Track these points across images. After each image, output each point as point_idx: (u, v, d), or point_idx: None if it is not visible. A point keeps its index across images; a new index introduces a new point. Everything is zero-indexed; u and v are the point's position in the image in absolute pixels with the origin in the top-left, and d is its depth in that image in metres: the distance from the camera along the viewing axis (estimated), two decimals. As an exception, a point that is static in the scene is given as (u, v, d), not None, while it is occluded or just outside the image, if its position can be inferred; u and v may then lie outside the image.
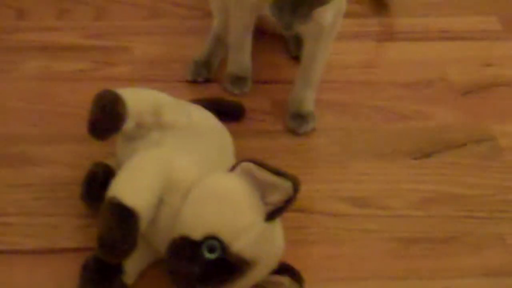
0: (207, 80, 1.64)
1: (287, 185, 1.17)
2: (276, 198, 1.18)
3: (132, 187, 1.19)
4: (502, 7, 1.89)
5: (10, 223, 1.35)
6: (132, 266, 1.26)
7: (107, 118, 1.28)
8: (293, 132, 1.56)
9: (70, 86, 1.61)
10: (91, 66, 1.66)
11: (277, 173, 1.18)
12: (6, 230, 1.34)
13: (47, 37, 1.71)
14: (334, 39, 1.54)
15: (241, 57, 1.62)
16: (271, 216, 1.18)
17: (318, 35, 1.51)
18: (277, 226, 1.22)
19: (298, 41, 1.65)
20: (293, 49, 1.69)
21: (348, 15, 1.58)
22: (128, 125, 1.30)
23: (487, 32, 1.82)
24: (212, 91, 1.62)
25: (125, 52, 1.69)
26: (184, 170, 1.24)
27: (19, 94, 1.58)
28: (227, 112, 1.54)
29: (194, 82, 1.63)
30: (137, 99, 1.33)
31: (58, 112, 1.55)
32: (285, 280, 1.25)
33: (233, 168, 1.22)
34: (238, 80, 1.63)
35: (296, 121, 1.57)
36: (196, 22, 1.77)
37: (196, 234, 1.15)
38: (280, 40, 1.71)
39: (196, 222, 1.16)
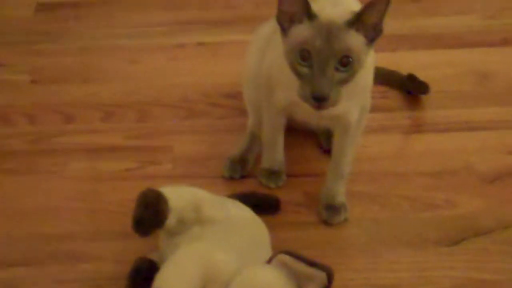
0: (243, 177, 1.62)
1: (321, 275, 1.16)
2: (311, 287, 1.17)
3: (175, 280, 1.18)
4: None
5: None
6: None
7: (150, 215, 1.27)
8: (327, 223, 1.53)
9: (114, 185, 1.60)
10: (134, 165, 1.65)
11: (312, 264, 1.17)
12: None
13: (93, 139, 1.71)
14: (361, 133, 1.53)
15: (274, 153, 1.61)
16: None
17: (346, 130, 1.50)
18: None
19: (328, 136, 1.63)
20: (324, 143, 1.67)
21: (375, 109, 1.59)
22: (170, 221, 1.29)
23: (507, 122, 1.78)
24: (248, 185, 1.60)
25: (165, 151, 1.68)
26: (224, 263, 1.22)
27: (67, 194, 1.58)
28: (263, 205, 1.51)
29: (231, 178, 1.61)
30: (178, 196, 1.32)
31: (104, 210, 1.54)
32: None
33: (270, 260, 1.20)
34: (273, 174, 1.61)
35: (329, 212, 1.54)
36: (232, 121, 1.76)
37: None
38: (311, 135, 1.70)
39: None
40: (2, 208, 1.54)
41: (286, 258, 1.19)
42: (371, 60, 1.42)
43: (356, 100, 1.43)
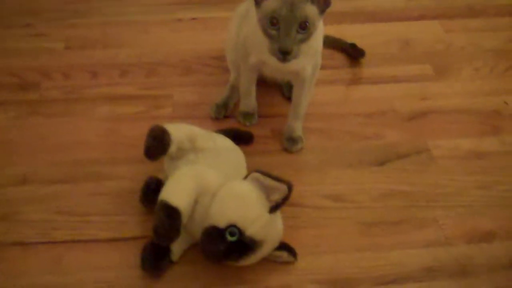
0: (226, 117, 1.58)
1: (284, 187, 1.16)
2: (276, 197, 1.17)
3: (176, 193, 1.18)
4: (434, 58, 1.80)
5: (91, 220, 1.33)
6: (177, 248, 1.24)
7: (157, 144, 1.26)
8: (287, 151, 1.51)
9: (129, 123, 1.56)
10: (144, 109, 1.60)
11: (277, 179, 1.17)
12: (88, 226, 1.32)
13: (113, 90, 1.66)
14: (314, 85, 1.50)
15: (249, 100, 1.57)
16: (273, 209, 1.17)
17: (302, 82, 1.47)
18: (278, 216, 1.21)
19: (289, 87, 1.61)
20: (286, 92, 1.64)
21: (324, 67, 1.55)
22: (172, 149, 1.28)
23: (423, 76, 1.74)
24: (229, 123, 1.57)
25: (168, 98, 1.63)
26: (212, 179, 1.22)
27: (95, 131, 1.53)
28: (241, 138, 1.49)
29: (216, 119, 1.58)
30: (178, 131, 1.30)
31: (122, 143, 1.50)
32: (283, 254, 1.24)
33: (246, 177, 1.20)
34: (248, 115, 1.58)
35: (290, 143, 1.52)
36: (218, 77, 1.70)
37: (221, 223, 1.14)
38: (276, 86, 1.67)
39: (221, 215, 1.15)
40: (46, 142, 1.50)
41: (258, 175, 1.18)
42: (321, 29, 1.40)
43: (309, 59, 1.41)
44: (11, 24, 1.90)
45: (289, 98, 1.58)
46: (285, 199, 1.17)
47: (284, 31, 1.27)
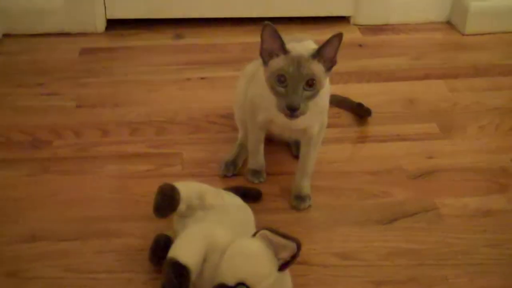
0: (234, 175, 1.60)
1: (293, 245, 1.16)
2: (285, 254, 1.17)
3: (185, 250, 1.18)
4: (440, 117, 1.83)
5: (98, 278, 1.33)
6: None
7: (166, 202, 1.27)
8: (296, 209, 1.52)
9: (138, 181, 1.57)
10: (154, 167, 1.62)
11: (285, 236, 1.17)
12: (96, 284, 1.32)
13: (123, 148, 1.69)
14: (321, 143, 1.52)
15: (257, 158, 1.59)
16: (282, 267, 1.17)
17: (309, 140, 1.49)
18: (287, 274, 1.21)
19: (296, 145, 1.63)
20: (293, 150, 1.66)
21: (332, 125, 1.58)
22: (181, 207, 1.29)
23: (429, 134, 1.77)
24: (238, 181, 1.58)
25: (177, 156, 1.65)
26: (221, 237, 1.22)
27: (104, 188, 1.55)
28: (249, 196, 1.49)
29: (225, 176, 1.59)
30: (187, 189, 1.31)
31: (131, 200, 1.52)
32: None
33: (254, 234, 1.20)
34: (256, 173, 1.59)
35: (298, 201, 1.53)
36: (226, 135, 1.73)
37: (231, 281, 1.14)
38: (284, 145, 1.69)
39: (230, 273, 1.15)
40: (56, 199, 1.52)
41: (267, 232, 1.19)
42: (327, 88, 1.43)
43: (316, 117, 1.44)
44: (23, 83, 1.96)
45: (296, 157, 1.60)
46: (294, 257, 1.17)
47: (292, 88, 1.31)
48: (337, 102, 1.81)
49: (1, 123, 1.77)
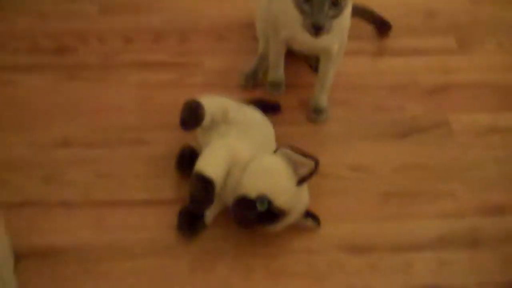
0: (254, 86, 1.68)
1: (311, 163, 1.28)
2: (303, 171, 1.29)
3: (211, 165, 1.30)
4: (458, 30, 1.86)
5: (127, 183, 1.45)
6: (210, 213, 1.37)
7: (192, 117, 1.38)
8: (313, 122, 1.62)
9: (162, 91, 1.64)
10: (176, 76, 1.68)
11: (304, 155, 1.29)
12: (125, 188, 1.44)
13: (147, 56, 1.74)
14: (341, 59, 1.59)
15: (277, 71, 1.66)
16: (300, 182, 1.30)
17: (329, 58, 1.56)
18: (304, 188, 1.34)
19: (316, 60, 1.68)
20: (313, 65, 1.72)
21: (350, 37, 1.58)
22: (206, 121, 1.39)
23: (446, 49, 1.80)
24: (258, 93, 1.65)
25: (198, 66, 1.71)
26: (243, 152, 1.34)
27: (129, 96, 1.63)
28: (269, 108, 1.58)
29: (245, 87, 1.67)
30: (211, 104, 1.41)
31: (155, 110, 1.60)
32: (308, 221, 1.38)
33: (276, 151, 1.33)
34: (276, 85, 1.67)
35: (315, 114, 1.62)
36: (247, 45, 1.77)
37: (252, 194, 1.27)
38: (303, 59, 1.73)
39: (252, 186, 1.28)
40: (83, 107, 1.60)
41: (287, 150, 1.30)
42: (349, 10, 1.48)
43: (337, 36, 1.50)
44: None
45: (316, 70, 1.67)
46: (311, 174, 1.29)
47: (317, 6, 1.35)
48: (358, 12, 1.82)
49: (27, 26, 1.82)
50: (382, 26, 1.87)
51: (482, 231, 1.42)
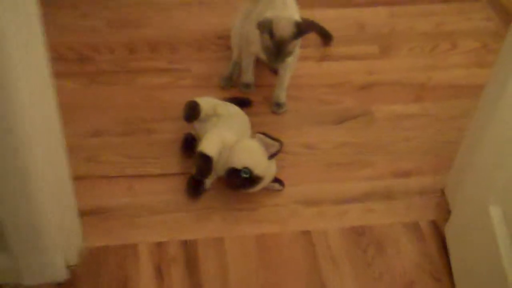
0: (231, 86, 2.19)
1: (277, 144, 1.82)
2: (272, 149, 1.83)
3: (209, 146, 1.82)
4: (380, 39, 2.43)
5: (148, 161, 1.96)
6: (208, 180, 1.89)
7: (192, 113, 1.90)
8: (275, 113, 2.12)
9: (163, 91, 2.16)
10: (172, 79, 2.21)
11: (273, 139, 1.83)
12: (147, 165, 1.94)
13: (149, 64, 2.26)
14: (295, 65, 2.12)
15: (248, 74, 2.16)
16: (270, 157, 1.84)
17: (286, 66, 2.08)
18: (273, 162, 1.87)
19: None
20: (274, 70, 2.22)
21: (301, 46, 2.11)
22: (201, 115, 1.91)
23: (371, 54, 2.36)
24: (234, 92, 2.16)
25: (187, 72, 2.23)
26: (229, 138, 1.86)
27: (139, 96, 2.14)
28: (243, 103, 2.08)
29: (224, 88, 2.18)
30: (205, 103, 1.93)
31: (161, 106, 2.11)
32: (275, 184, 1.91)
33: (253, 136, 1.88)
34: (247, 86, 2.17)
35: (276, 107, 2.13)
36: (223, 54, 2.29)
37: (238, 166, 1.80)
38: (267, 66, 2.18)
39: (238, 161, 1.80)
40: (105, 104, 2.10)
41: (261, 136, 1.84)
42: (299, 42, 2.01)
43: (291, 56, 2.02)
44: (59, 4, 2.48)
45: (276, 74, 2.16)
46: (278, 152, 1.85)
47: (274, 57, 1.93)
48: (308, 26, 2.29)
49: (51, 40, 2.34)
50: (326, 37, 2.41)
51: (394, 188, 2.00)
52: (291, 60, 2.08)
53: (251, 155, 1.84)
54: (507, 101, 1.54)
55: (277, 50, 1.92)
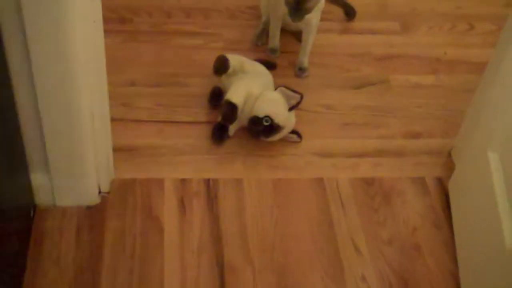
0: (263, 44, 2.34)
1: (298, 96, 1.98)
2: (293, 102, 1.99)
3: (235, 95, 1.98)
4: (402, 18, 2.58)
5: (177, 111, 2.13)
6: (232, 127, 2.05)
7: (222, 66, 2.07)
8: (298, 76, 2.27)
9: (195, 51, 2.32)
10: (204, 42, 2.36)
11: (294, 91, 1.99)
12: (176, 113, 2.12)
13: (184, 27, 2.43)
14: (316, 32, 2.27)
15: (275, 40, 2.32)
16: (291, 109, 2.00)
17: (309, 30, 2.24)
18: (293, 114, 2.04)
19: (300, 33, 2.33)
20: (298, 37, 2.33)
21: (324, 19, 2.30)
22: (230, 70, 2.07)
23: (392, 30, 2.49)
24: (262, 55, 2.29)
25: (219, 36, 2.39)
26: (255, 89, 2.02)
27: (173, 54, 2.32)
28: (269, 66, 2.22)
29: (256, 45, 2.34)
30: (233, 59, 2.09)
31: (192, 64, 2.27)
32: (294, 136, 2.07)
33: (275, 89, 2.05)
34: (274, 51, 2.32)
35: (299, 72, 2.28)
36: (252, 22, 2.44)
37: (261, 114, 1.96)
38: (292, 34, 2.37)
39: (261, 110, 1.97)
40: (142, 60, 2.29)
41: (283, 88, 2.01)
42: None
43: (315, 14, 2.17)
44: None
45: (299, 40, 2.30)
46: (298, 103, 2.01)
47: (294, 11, 2.09)
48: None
49: None
50: (349, 11, 2.57)
51: (404, 147, 2.16)
52: (314, 24, 2.24)
53: (273, 105, 2.01)
54: (508, 65, 1.70)
55: (297, 5, 2.08)
